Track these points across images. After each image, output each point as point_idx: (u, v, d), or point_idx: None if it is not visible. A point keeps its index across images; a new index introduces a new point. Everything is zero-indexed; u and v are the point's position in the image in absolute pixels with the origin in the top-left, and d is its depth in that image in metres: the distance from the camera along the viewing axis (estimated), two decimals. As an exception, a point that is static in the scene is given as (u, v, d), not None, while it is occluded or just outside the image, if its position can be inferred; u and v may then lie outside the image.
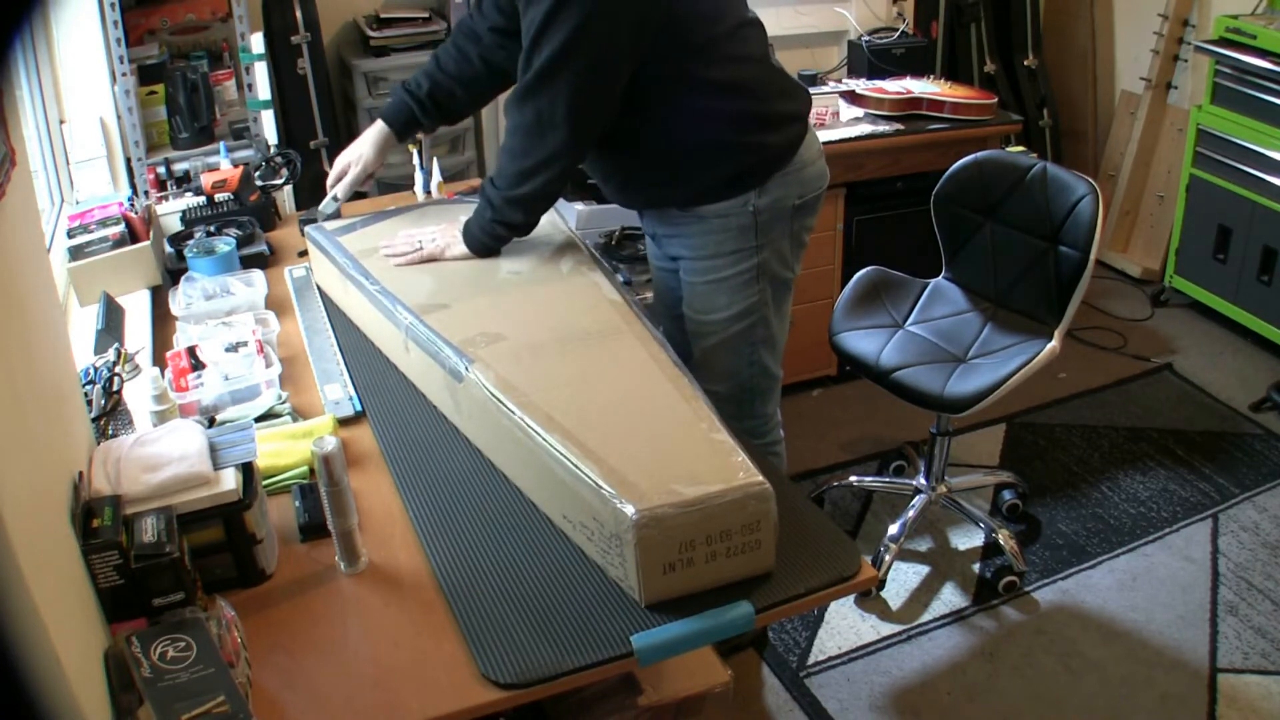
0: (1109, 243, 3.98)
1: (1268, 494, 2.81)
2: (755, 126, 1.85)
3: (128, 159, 2.63)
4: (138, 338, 1.91)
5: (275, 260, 2.24)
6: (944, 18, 3.78)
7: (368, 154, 2.09)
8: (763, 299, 1.96)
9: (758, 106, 1.85)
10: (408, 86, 2.06)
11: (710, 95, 1.81)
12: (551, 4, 1.63)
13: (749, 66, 1.85)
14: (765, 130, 1.86)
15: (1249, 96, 3.23)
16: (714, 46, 1.79)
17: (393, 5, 3.22)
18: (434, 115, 2.07)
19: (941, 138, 3.07)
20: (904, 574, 2.56)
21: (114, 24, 2.49)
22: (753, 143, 1.85)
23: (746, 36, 1.85)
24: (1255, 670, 2.27)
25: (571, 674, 1.21)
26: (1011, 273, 2.45)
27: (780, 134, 1.88)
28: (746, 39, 1.85)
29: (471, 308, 1.73)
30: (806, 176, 1.93)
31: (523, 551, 1.39)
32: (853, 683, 2.26)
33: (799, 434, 2.91)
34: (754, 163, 1.86)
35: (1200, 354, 3.49)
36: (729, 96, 1.82)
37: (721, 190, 1.87)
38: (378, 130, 2.09)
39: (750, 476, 1.29)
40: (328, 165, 3.10)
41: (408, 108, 2.06)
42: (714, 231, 1.90)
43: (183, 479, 1.29)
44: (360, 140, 2.11)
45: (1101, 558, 2.60)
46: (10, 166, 1.19)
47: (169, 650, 1.13)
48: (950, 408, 2.30)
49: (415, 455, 1.59)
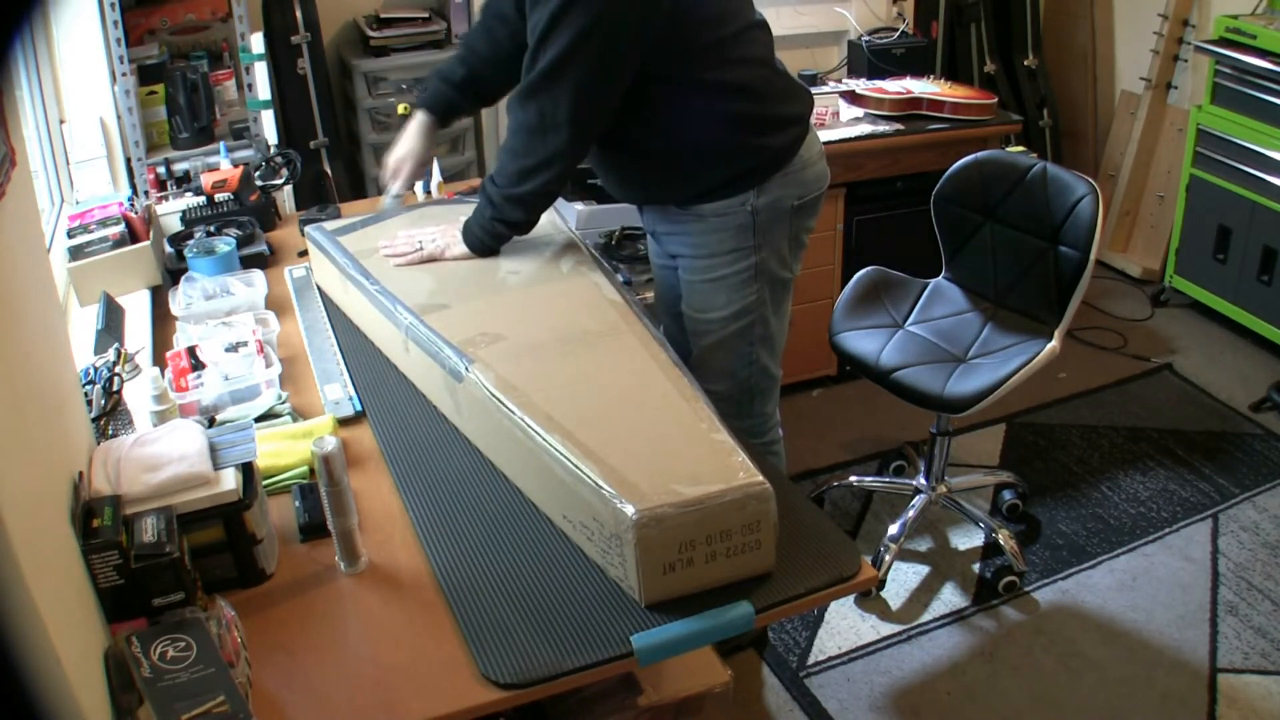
0: (1109, 243, 3.98)
1: (1268, 494, 2.81)
2: (756, 129, 1.85)
3: (128, 159, 2.63)
4: (138, 338, 1.91)
5: (275, 260, 2.24)
6: (944, 18, 3.78)
7: (417, 147, 2.10)
8: (761, 299, 1.96)
9: (759, 109, 1.85)
10: (443, 73, 2.06)
11: (712, 97, 1.81)
12: (557, 6, 1.64)
13: (753, 69, 1.85)
14: (766, 133, 1.86)
15: (1249, 96, 3.23)
16: (718, 49, 1.79)
17: (393, 5, 3.22)
18: (472, 98, 2.09)
19: (941, 138, 3.07)
20: (904, 574, 2.56)
21: (114, 24, 2.49)
22: (753, 144, 1.85)
23: (752, 39, 1.85)
24: (1255, 670, 2.27)
25: (571, 674, 1.21)
26: (1011, 273, 2.45)
27: (781, 136, 1.88)
28: (752, 41, 1.85)
29: (471, 308, 1.73)
30: (806, 177, 1.93)
31: (523, 551, 1.39)
32: (853, 683, 2.26)
33: (799, 434, 2.91)
34: (753, 163, 1.86)
35: (1200, 354, 3.49)
36: (731, 99, 1.82)
37: (720, 189, 1.87)
38: (420, 121, 2.10)
39: (750, 476, 1.29)
40: (328, 165, 3.11)
41: (446, 94, 2.06)
42: (712, 230, 1.90)
43: (183, 479, 1.29)
44: (406, 136, 2.11)
45: (1101, 558, 2.60)
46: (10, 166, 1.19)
47: (169, 650, 1.13)
48: (950, 408, 2.30)
49: (415, 455, 1.59)
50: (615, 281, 1.79)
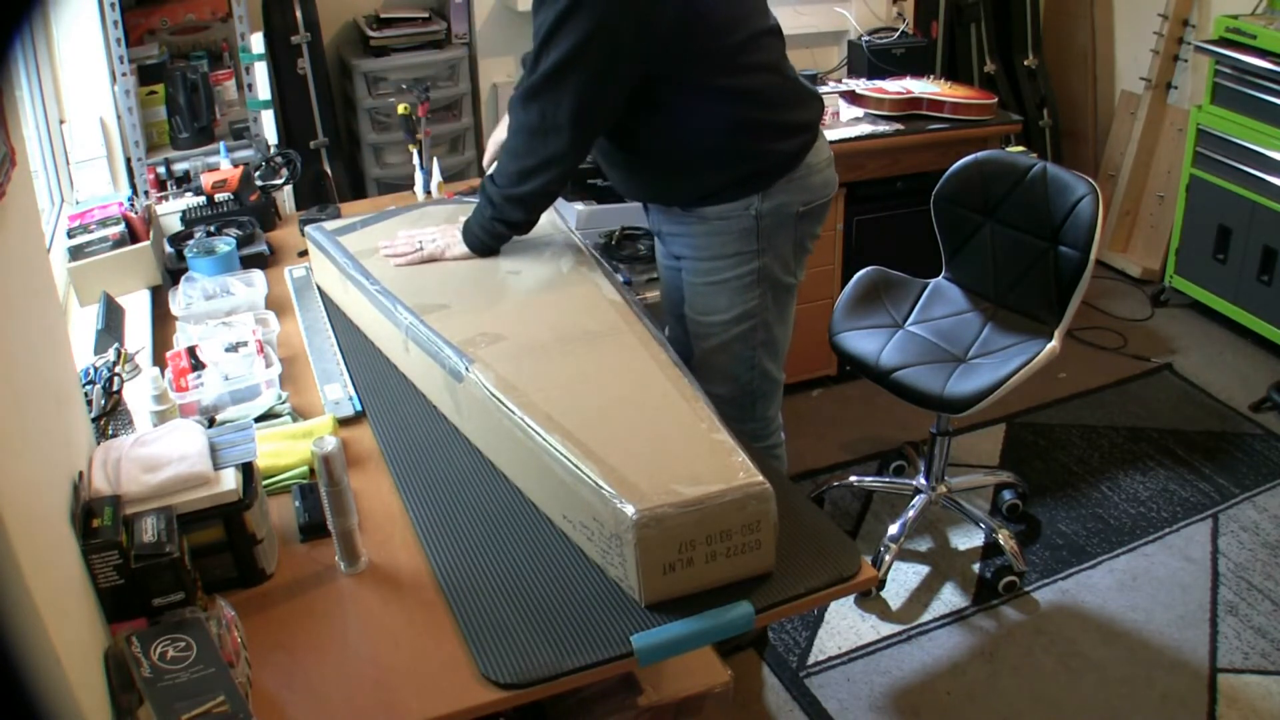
0: (1109, 243, 3.98)
1: (1268, 494, 2.81)
2: (763, 134, 1.84)
3: (128, 159, 2.63)
4: (138, 338, 1.91)
5: (275, 260, 2.24)
6: (944, 18, 3.78)
7: None
8: (763, 303, 1.96)
9: (768, 115, 1.84)
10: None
11: (720, 102, 1.80)
12: (563, 8, 1.63)
13: (762, 76, 1.84)
14: (773, 138, 1.86)
15: (1249, 96, 3.23)
16: (727, 55, 1.78)
17: (393, 5, 3.22)
18: None
19: (941, 138, 3.07)
20: (904, 574, 2.56)
21: (114, 24, 2.49)
22: (758, 149, 1.85)
23: (763, 45, 1.84)
24: (1255, 670, 2.27)
25: (571, 674, 1.21)
26: (1011, 273, 2.45)
27: (788, 142, 1.88)
28: (762, 48, 1.84)
29: (471, 308, 1.73)
30: (813, 184, 1.92)
31: (523, 551, 1.39)
32: (853, 683, 2.26)
33: (799, 434, 2.91)
34: (758, 168, 1.86)
35: (1200, 354, 3.49)
36: (739, 104, 1.81)
37: (723, 193, 1.86)
38: None
39: (750, 476, 1.29)
40: (328, 165, 3.11)
41: None
42: (716, 233, 1.90)
43: (183, 479, 1.29)
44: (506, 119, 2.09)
45: (1101, 558, 2.60)
46: (10, 166, 1.19)
47: (169, 650, 1.13)
48: (950, 408, 2.30)
49: (415, 455, 1.59)
50: (615, 281, 1.79)
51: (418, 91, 2.47)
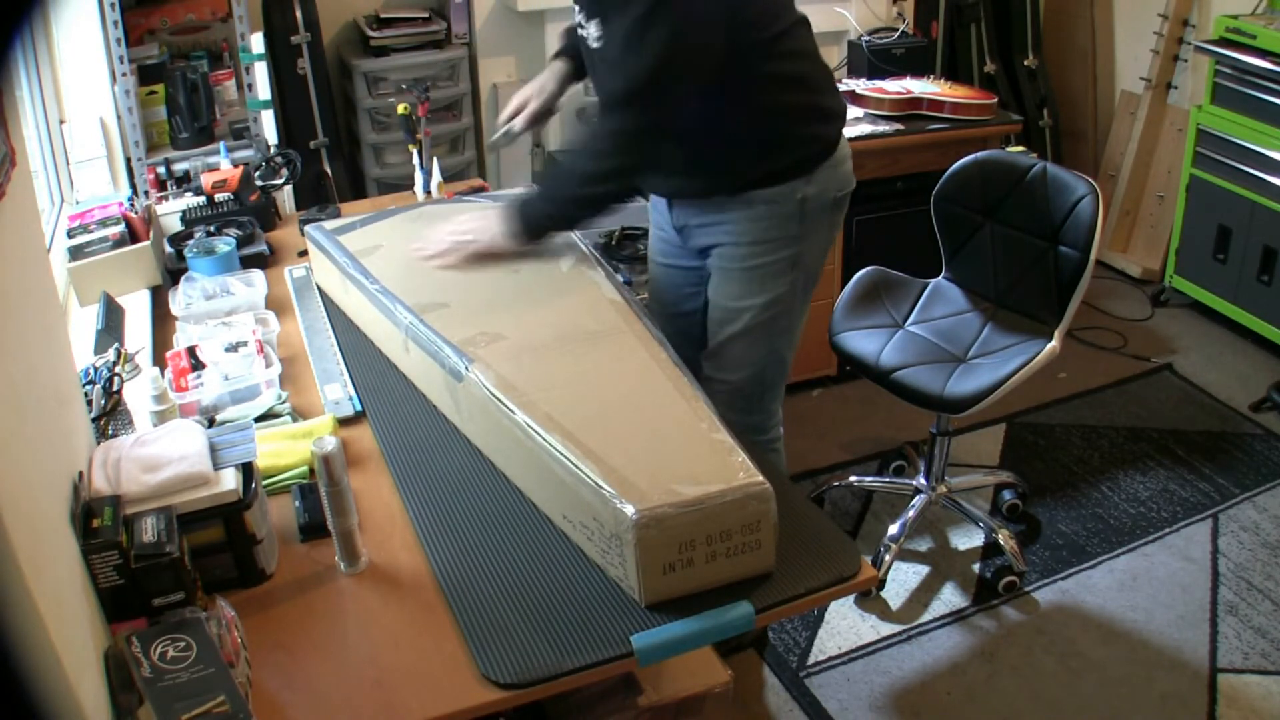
0: (1109, 243, 3.98)
1: (1268, 494, 2.81)
2: (811, 118, 1.92)
3: (128, 159, 2.63)
4: (138, 338, 1.91)
5: (275, 260, 2.24)
6: (944, 18, 3.78)
7: (550, 85, 2.08)
8: (793, 290, 1.99)
9: (814, 99, 1.92)
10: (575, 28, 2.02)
11: (773, 89, 1.86)
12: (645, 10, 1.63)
13: (805, 62, 1.91)
14: (819, 121, 1.93)
15: (1249, 96, 3.23)
16: (776, 42, 1.83)
17: (393, 5, 3.22)
18: None
19: (941, 138, 3.07)
20: (904, 574, 2.56)
21: (114, 24, 2.49)
22: (808, 133, 1.91)
23: (801, 34, 1.90)
24: (1255, 670, 2.27)
25: (571, 674, 1.21)
26: (1011, 273, 2.45)
27: (830, 126, 1.95)
28: (801, 35, 1.90)
29: (471, 307, 1.73)
30: (843, 172, 1.99)
31: (523, 551, 1.39)
32: (853, 683, 2.26)
33: (799, 434, 2.91)
34: (808, 152, 1.91)
35: (1200, 354, 3.49)
36: (790, 90, 1.88)
37: (777, 175, 1.90)
38: (558, 66, 2.09)
39: (750, 476, 1.29)
40: (328, 165, 3.11)
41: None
42: (760, 218, 1.92)
43: (183, 479, 1.29)
44: (541, 76, 2.10)
45: (1101, 558, 2.60)
46: (10, 166, 1.19)
47: (169, 650, 1.13)
48: (950, 408, 2.30)
49: (415, 455, 1.59)
50: (615, 281, 1.79)
51: (418, 91, 2.47)
